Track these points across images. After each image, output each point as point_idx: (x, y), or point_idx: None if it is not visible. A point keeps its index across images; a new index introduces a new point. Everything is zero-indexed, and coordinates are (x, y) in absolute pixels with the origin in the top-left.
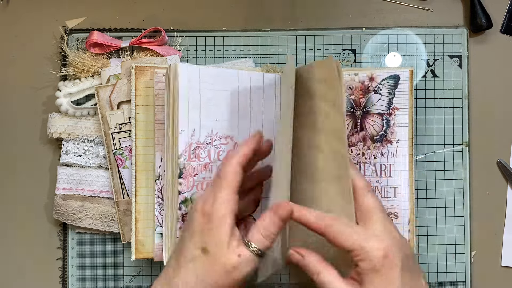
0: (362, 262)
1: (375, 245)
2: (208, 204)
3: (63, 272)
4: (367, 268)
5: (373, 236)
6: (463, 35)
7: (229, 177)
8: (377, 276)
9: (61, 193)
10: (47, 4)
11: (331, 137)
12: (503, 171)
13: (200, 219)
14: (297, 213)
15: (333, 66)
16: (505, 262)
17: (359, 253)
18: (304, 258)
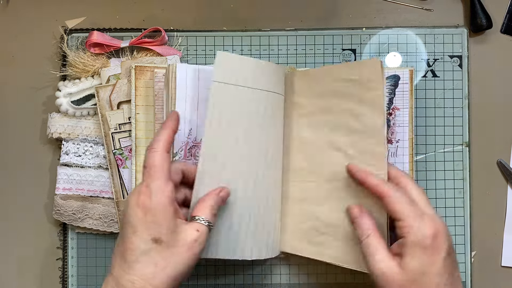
0: (411, 235)
1: (427, 223)
2: (144, 197)
3: (63, 272)
4: (414, 241)
5: (427, 215)
6: (463, 35)
7: (158, 166)
8: (422, 252)
9: (61, 193)
10: (47, 4)
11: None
12: (503, 171)
13: (140, 214)
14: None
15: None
16: (505, 262)
17: (410, 225)
18: (362, 216)
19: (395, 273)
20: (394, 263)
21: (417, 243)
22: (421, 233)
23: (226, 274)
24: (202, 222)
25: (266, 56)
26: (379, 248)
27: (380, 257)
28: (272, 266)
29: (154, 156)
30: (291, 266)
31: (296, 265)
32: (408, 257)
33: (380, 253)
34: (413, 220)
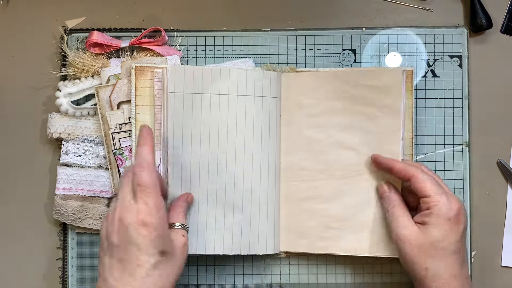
0: (437, 207)
1: (453, 200)
2: (145, 216)
3: (63, 272)
4: (439, 213)
5: (450, 195)
6: (463, 35)
7: (152, 185)
8: (444, 223)
9: (61, 193)
10: (47, 4)
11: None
12: (503, 171)
13: (144, 232)
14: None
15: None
16: (505, 262)
17: (437, 200)
18: (391, 191)
19: (417, 236)
20: (416, 228)
21: (442, 214)
22: (447, 207)
23: (226, 274)
24: (182, 227)
25: (266, 56)
26: (403, 215)
27: (404, 223)
28: (272, 266)
29: (147, 175)
30: (291, 266)
31: (296, 265)
32: (431, 226)
33: (404, 219)
34: (440, 197)
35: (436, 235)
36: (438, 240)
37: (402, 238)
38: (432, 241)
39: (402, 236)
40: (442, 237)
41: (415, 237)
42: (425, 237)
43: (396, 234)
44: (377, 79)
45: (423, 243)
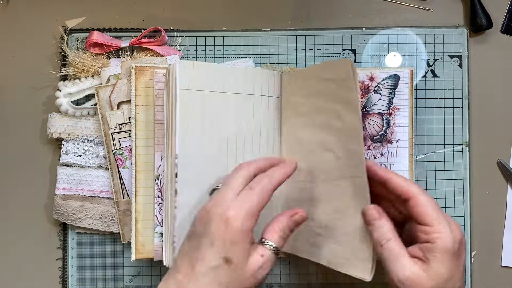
0: (441, 241)
1: (455, 230)
2: (233, 213)
3: (63, 272)
4: (444, 248)
5: (451, 221)
6: (463, 35)
7: (263, 196)
8: (450, 258)
9: (61, 193)
10: (47, 4)
11: (345, 137)
12: (503, 171)
13: (222, 227)
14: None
15: (348, 67)
16: (505, 262)
17: (440, 231)
18: (381, 218)
19: (422, 279)
20: (418, 269)
21: (448, 249)
22: (451, 240)
23: None
24: (269, 247)
25: (266, 56)
26: (402, 253)
27: (405, 263)
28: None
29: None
30: (291, 266)
31: (296, 265)
32: (437, 263)
33: (404, 258)
34: (443, 227)
35: (444, 275)
36: (447, 280)
37: (405, 282)
38: (439, 284)
39: (405, 280)
40: (449, 276)
41: (421, 281)
42: (433, 280)
43: (397, 276)
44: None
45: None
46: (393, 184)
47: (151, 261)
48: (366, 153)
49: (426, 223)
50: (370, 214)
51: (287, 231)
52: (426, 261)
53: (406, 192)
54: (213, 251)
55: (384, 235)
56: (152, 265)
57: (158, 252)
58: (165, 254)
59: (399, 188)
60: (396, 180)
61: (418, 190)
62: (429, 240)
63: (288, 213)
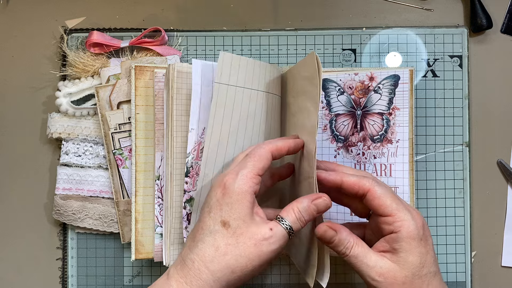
0: (405, 229)
1: (415, 215)
2: (229, 178)
3: (63, 272)
4: (409, 235)
5: (409, 207)
6: (463, 35)
7: (257, 158)
8: (418, 244)
9: (61, 193)
10: (47, 4)
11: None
12: (503, 171)
13: (218, 193)
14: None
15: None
16: (505, 262)
17: (402, 219)
18: (338, 233)
19: (395, 271)
20: (388, 261)
21: (413, 236)
22: (414, 226)
23: None
24: (282, 224)
25: (266, 56)
26: (367, 253)
27: (373, 261)
28: (272, 266)
29: (259, 150)
30: (291, 266)
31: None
32: (406, 252)
33: (370, 257)
34: (404, 214)
35: (415, 263)
36: (420, 267)
37: (379, 279)
38: (414, 272)
39: (379, 277)
40: (421, 262)
41: (394, 273)
42: (405, 269)
43: (370, 276)
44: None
45: (405, 277)
46: (346, 185)
47: (151, 261)
48: (367, 153)
49: (387, 213)
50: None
51: (305, 214)
52: (394, 252)
53: (361, 188)
54: (210, 217)
55: (346, 245)
56: (152, 265)
57: (158, 253)
58: (165, 254)
59: (352, 186)
60: (347, 180)
61: (371, 183)
62: (393, 230)
63: (311, 196)
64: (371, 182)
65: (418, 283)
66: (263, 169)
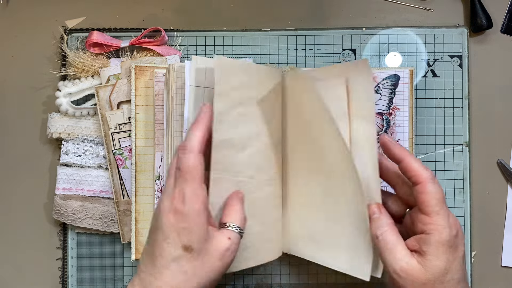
0: (437, 233)
1: (453, 222)
2: (177, 202)
3: (63, 272)
4: (440, 241)
5: (450, 213)
6: (463, 35)
7: (192, 170)
8: (446, 251)
9: (61, 193)
10: (47, 4)
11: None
12: (503, 171)
13: (172, 220)
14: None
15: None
16: (505, 262)
17: (438, 223)
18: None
19: (418, 271)
20: (414, 261)
21: (444, 243)
22: (447, 233)
23: (225, 274)
24: (234, 229)
25: (266, 56)
26: (397, 245)
27: (401, 254)
28: (272, 266)
29: (188, 159)
30: (291, 266)
31: (296, 265)
32: (433, 256)
33: (400, 250)
34: (441, 219)
35: (440, 268)
36: (443, 273)
37: (401, 274)
38: (437, 276)
39: (401, 272)
40: (446, 268)
41: (417, 273)
42: (429, 272)
43: (393, 268)
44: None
45: (428, 280)
46: (406, 164)
47: None
48: None
49: (426, 212)
50: (371, 208)
51: (242, 211)
52: (422, 253)
53: (417, 176)
54: (168, 243)
55: (380, 228)
56: None
57: None
58: None
59: (411, 170)
60: (410, 161)
61: (428, 177)
62: (425, 231)
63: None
64: (429, 176)
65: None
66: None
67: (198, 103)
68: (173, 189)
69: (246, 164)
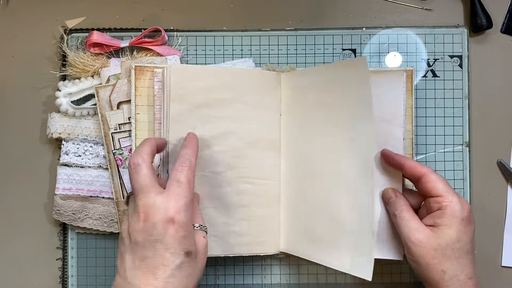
0: (450, 207)
1: (464, 201)
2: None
3: (63, 272)
4: (453, 213)
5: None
6: (463, 35)
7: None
8: (459, 222)
9: (61, 193)
10: (47, 4)
11: None
12: (503, 171)
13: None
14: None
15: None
16: (505, 262)
17: (450, 199)
18: (397, 197)
19: (431, 239)
20: (428, 230)
21: (456, 214)
22: (460, 206)
23: (226, 274)
24: (203, 228)
25: (266, 56)
26: (413, 218)
27: (415, 226)
28: (272, 266)
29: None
30: (291, 266)
31: (296, 265)
32: (445, 226)
33: (415, 222)
34: (452, 196)
35: (451, 236)
36: (454, 241)
37: (415, 241)
38: (448, 243)
39: (415, 240)
40: (457, 237)
41: (429, 239)
42: (440, 239)
43: (409, 237)
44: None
45: (438, 245)
46: (407, 166)
47: None
48: None
49: (438, 194)
50: (387, 194)
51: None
52: (436, 225)
53: (419, 172)
54: (171, 252)
55: (398, 207)
56: None
57: None
58: None
59: (412, 169)
60: (409, 163)
61: (429, 169)
62: (440, 208)
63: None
64: (429, 169)
65: (448, 253)
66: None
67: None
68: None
69: (212, 161)
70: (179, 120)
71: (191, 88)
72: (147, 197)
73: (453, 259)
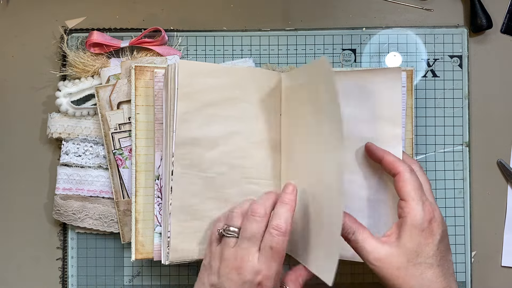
0: (410, 217)
1: (427, 208)
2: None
3: (63, 272)
4: (412, 223)
5: (427, 201)
6: (463, 35)
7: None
8: (418, 234)
9: (61, 193)
10: (47, 4)
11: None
12: (503, 171)
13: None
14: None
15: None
16: (505, 262)
17: (412, 207)
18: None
19: (390, 257)
20: (386, 248)
21: (416, 225)
22: (419, 217)
23: None
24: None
25: (266, 56)
26: (367, 239)
27: (371, 247)
28: None
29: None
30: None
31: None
32: (406, 238)
33: (370, 243)
34: (416, 204)
35: (411, 250)
36: (414, 256)
37: (376, 263)
38: (409, 258)
39: (375, 261)
40: (416, 251)
41: (388, 258)
42: (400, 256)
43: (369, 261)
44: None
45: (401, 263)
46: (385, 160)
47: (151, 261)
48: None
49: (403, 197)
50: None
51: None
52: (398, 236)
53: (394, 168)
54: None
55: (348, 230)
56: (152, 265)
57: (158, 252)
58: (163, 252)
59: (389, 164)
60: (388, 157)
61: (405, 168)
62: (402, 215)
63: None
64: (406, 167)
65: (412, 270)
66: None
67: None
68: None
69: (217, 161)
70: (186, 120)
71: (199, 86)
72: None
73: (417, 276)
